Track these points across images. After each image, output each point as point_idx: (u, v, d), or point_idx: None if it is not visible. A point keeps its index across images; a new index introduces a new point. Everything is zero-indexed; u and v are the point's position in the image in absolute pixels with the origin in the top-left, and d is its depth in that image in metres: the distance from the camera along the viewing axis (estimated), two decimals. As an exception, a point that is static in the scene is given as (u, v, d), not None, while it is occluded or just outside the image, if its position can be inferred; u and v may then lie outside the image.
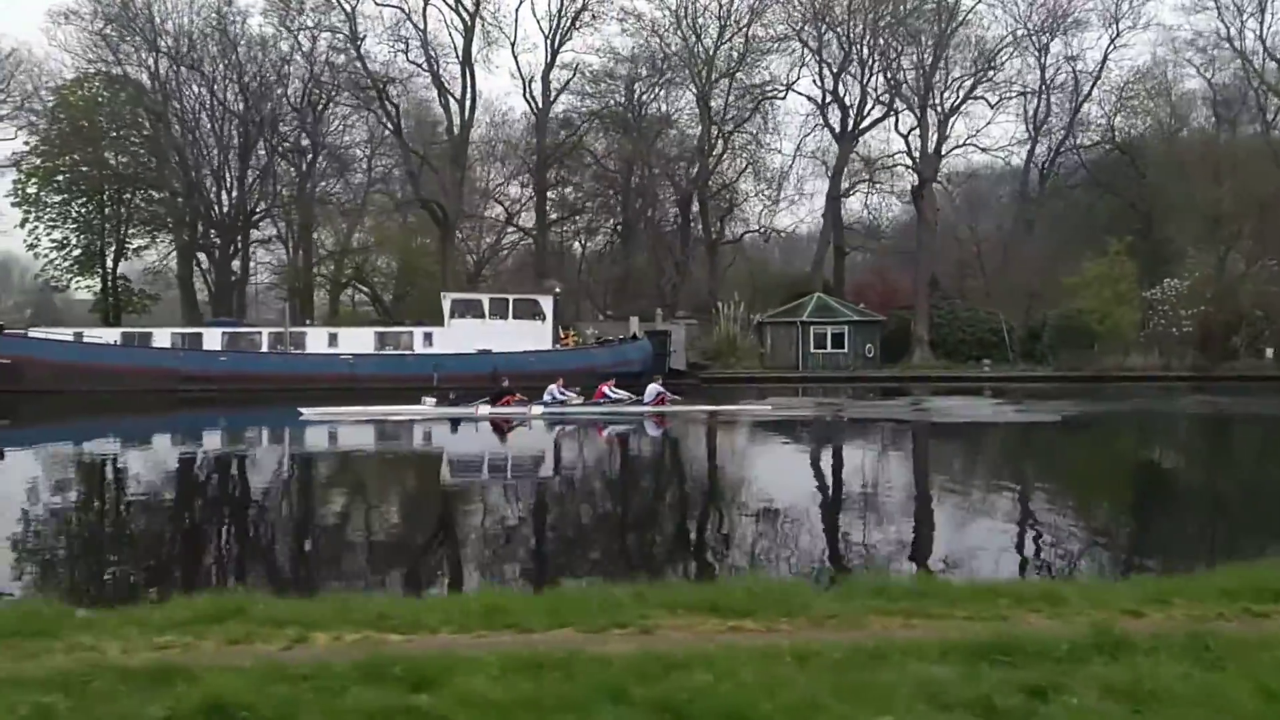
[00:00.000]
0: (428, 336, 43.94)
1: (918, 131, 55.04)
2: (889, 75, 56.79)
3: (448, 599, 8.23)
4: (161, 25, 52.69)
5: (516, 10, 53.87)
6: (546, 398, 30.83)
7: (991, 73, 55.09)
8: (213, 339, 43.08)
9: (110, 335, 43.82)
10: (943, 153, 55.68)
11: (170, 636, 6.75)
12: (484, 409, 29.48)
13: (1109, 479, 20.30)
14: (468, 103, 51.97)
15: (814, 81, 58.95)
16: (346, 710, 5.25)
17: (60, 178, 59.65)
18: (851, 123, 57.97)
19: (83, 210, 60.89)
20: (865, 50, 56.78)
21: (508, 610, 7.27)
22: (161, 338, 43.25)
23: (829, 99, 58.06)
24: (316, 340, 43.75)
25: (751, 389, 43.60)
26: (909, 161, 56.42)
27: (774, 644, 6.40)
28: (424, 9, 51.19)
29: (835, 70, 57.18)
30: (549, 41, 52.80)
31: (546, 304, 44.65)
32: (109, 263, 62.11)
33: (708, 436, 27.80)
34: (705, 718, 5.20)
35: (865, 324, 53.21)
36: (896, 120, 55.87)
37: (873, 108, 58.10)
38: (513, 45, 53.26)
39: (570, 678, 5.76)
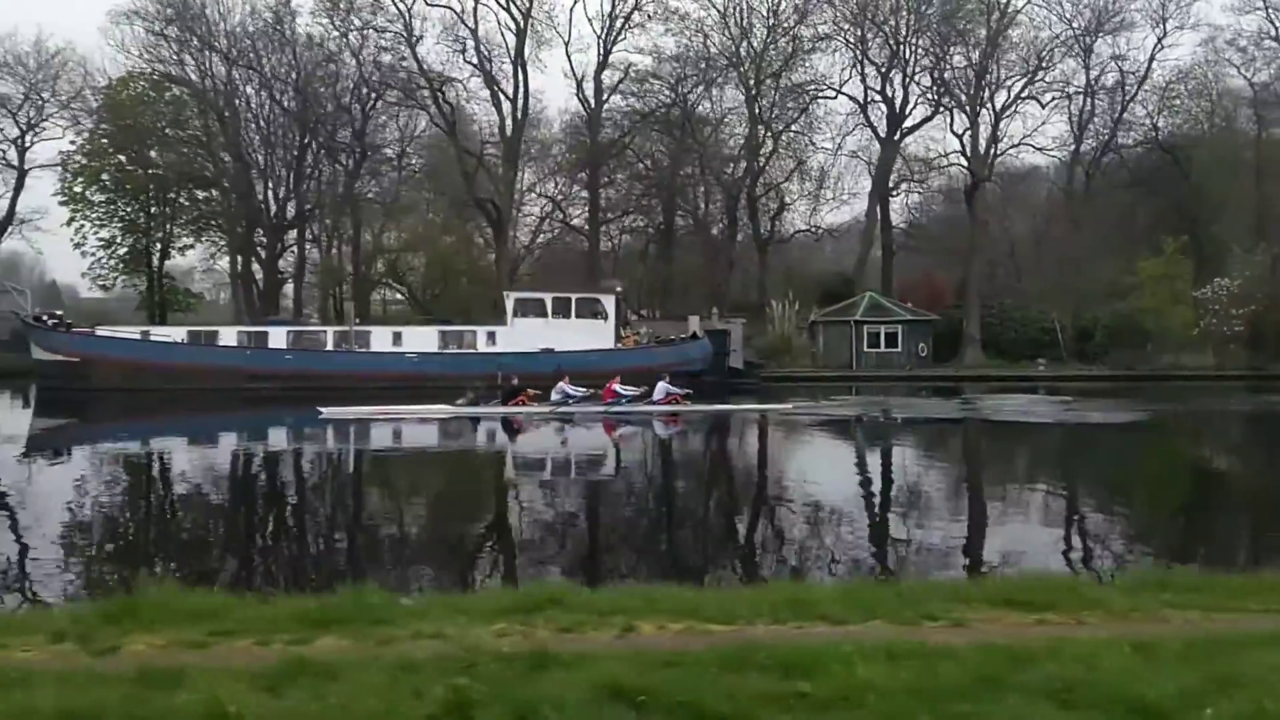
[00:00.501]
0: (491, 335, 44.20)
1: (968, 131, 55.06)
2: (936, 75, 56.79)
3: (751, 591, 8.42)
4: (218, 25, 53.11)
5: (571, 10, 54.22)
6: (556, 395, 30.96)
7: (1042, 73, 55.05)
8: (278, 338, 43.45)
9: (177, 334, 44.22)
10: (996, 153, 55.70)
11: (502, 624, 6.95)
12: (497, 408, 29.78)
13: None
14: (519, 102, 52.27)
15: (857, 81, 58.95)
16: (740, 694, 5.41)
17: (105, 177, 60.29)
18: (896, 122, 57.98)
19: (128, 209, 61.50)
20: (909, 50, 56.88)
21: (812, 602, 7.46)
22: (227, 336, 43.63)
23: (871, 98, 58.24)
24: (380, 339, 44.05)
25: (813, 388, 43.76)
26: (962, 161, 56.43)
27: (1095, 636, 6.59)
28: (474, 8, 51.59)
29: (883, 70, 57.22)
30: (601, 41, 53.17)
31: (609, 303, 44.85)
32: (154, 261, 62.80)
33: (759, 436, 28.00)
34: (1100, 702, 5.36)
35: (918, 323, 53.27)
36: (952, 119, 55.89)
37: (914, 107, 58.21)
38: (567, 45, 53.65)
39: (930, 666, 5.94)
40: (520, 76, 51.67)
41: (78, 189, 59.41)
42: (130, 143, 58.87)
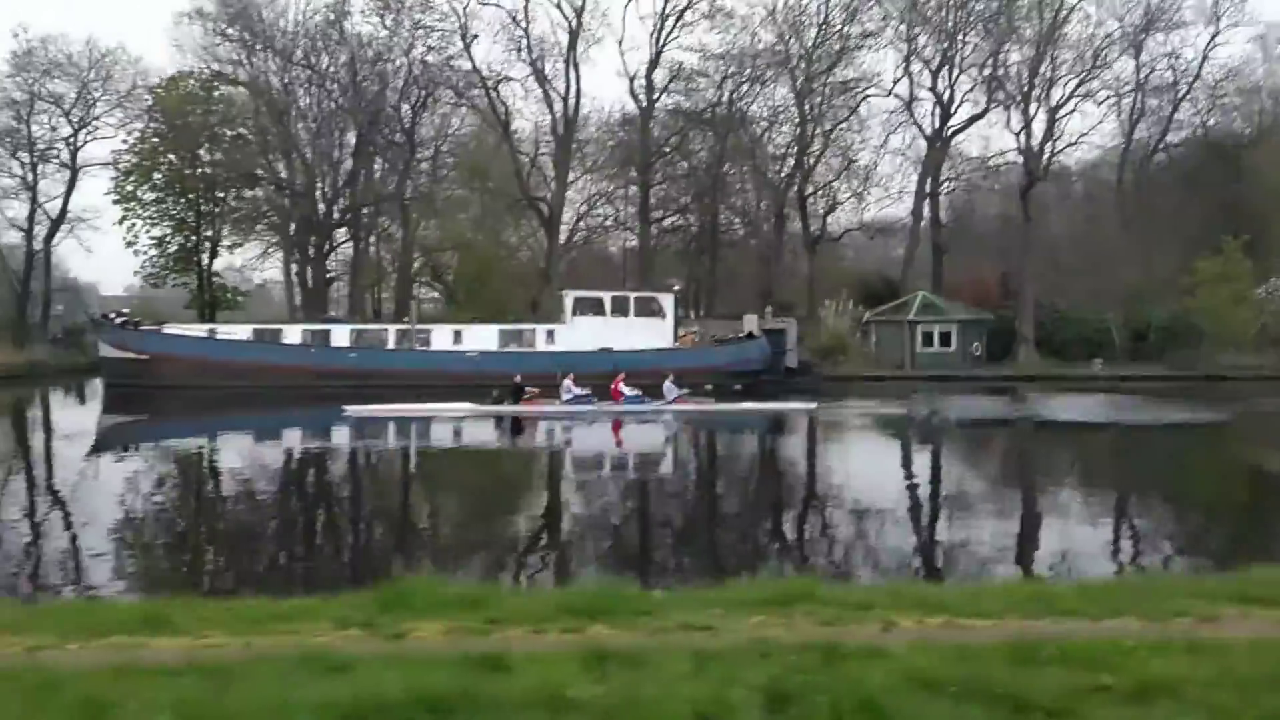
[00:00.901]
0: (550, 334, 44.40)
1: (1024, 130, 54.81)
2: (987, 72, 56.53)
3: (991, 587, 8.48)
4: (274, 24, 53.61)
5: (625, 9, 54.22)
6: (565, 395, 31.03)
7: (1099, 70, 54.71)
8: (340, 336, 43.85)
9: (242, 331, 44.69)
10: (1051, 151, 55.49)
11: (761, 616, 7.05)
12: (507, 407, 29.96)
13: None
14: (571, 101, 52.52)
15: (905, 78, 58.77)
16: (1050, 687, 5.32)
17: (158, 176, 60.97)
18: (946, 120, 57.81)
19: (178, 207, 62.18)
20: (958, 46, 56.71)
21: (1053, 598, 7.51)
22: (291, 334, 44.06)
23: (918, 96, 58.08)
24: (441, 337, 44.35)
25: (874, 388, 43.77)
26: (1017, 160, 56.18)
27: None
28: (526, 7, 51.84)
29: (933, 69, 57.09)
30: (653, 40, 53.31)
31: (667, 302, 44.96)
32: (204, 260, 63.47)
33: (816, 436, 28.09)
34: None
35: (971, 323, 53.08)
36: (1008, 117, 55.61)
37: (960, 104, 58.00)
38: (620, 44, 53.97)
39: (1221, 660, 5.91)
40: (573, 75, 51.98)
41: (130, 187, 60.10)
42: (181, 142, 59.58)
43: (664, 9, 52.92)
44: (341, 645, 6.24)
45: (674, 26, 52.75)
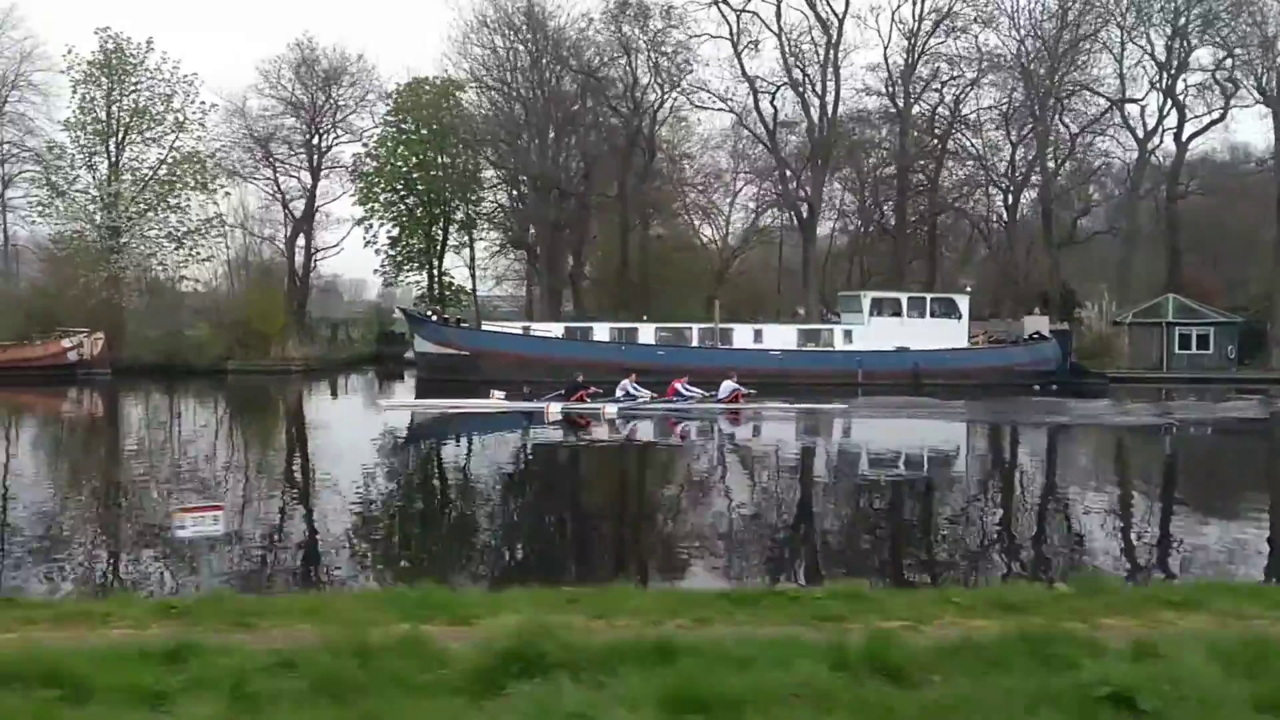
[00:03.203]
0: (847, 334, 45.31)
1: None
2: (1227, 71, 56.55)
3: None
4: (541, 30, 54.97)
5: (893, 13, 54.53)
6: (620, 394, 31.60)
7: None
8: (647, 334, 45.13)
9: (555, 329, 46.14)
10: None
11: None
12: (556, 405, 30.01)
13: None
14: (829, 104, 53.40)
15: (1143, 79, 58.89)
16: None
17: (400, 182, 62.91)
18: (1180, 122, 57.91)
19: (416, 208, 64.07)
20: (1187, 46, 56.78)
21: None
22: (600, 332, 45.43)
23: (1133, 96, 58.20)
24: (743, 336, 45.47)
25: (1164, 390, 44.32)
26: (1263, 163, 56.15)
27: None
28: (778, 11, 52.76)
29: (1173, 70, 57.17)
30: (911, 43, 54.01)
31: (962, 303, 45.67)
32: (436, 259, 65.37)
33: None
34: None
35: (1225, 325, 53.16)
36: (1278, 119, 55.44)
37: (1169, 108, 57.98)
38: (884, 48, 54.81)
39: None
40: (832, 79, 52.82)
41: (377, 189, 62.07)
42: (423, 144, 61.41)
43: (920, 12, 53.65)
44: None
45: (933, 30, 53.40)
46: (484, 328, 45.87)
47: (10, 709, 4.98)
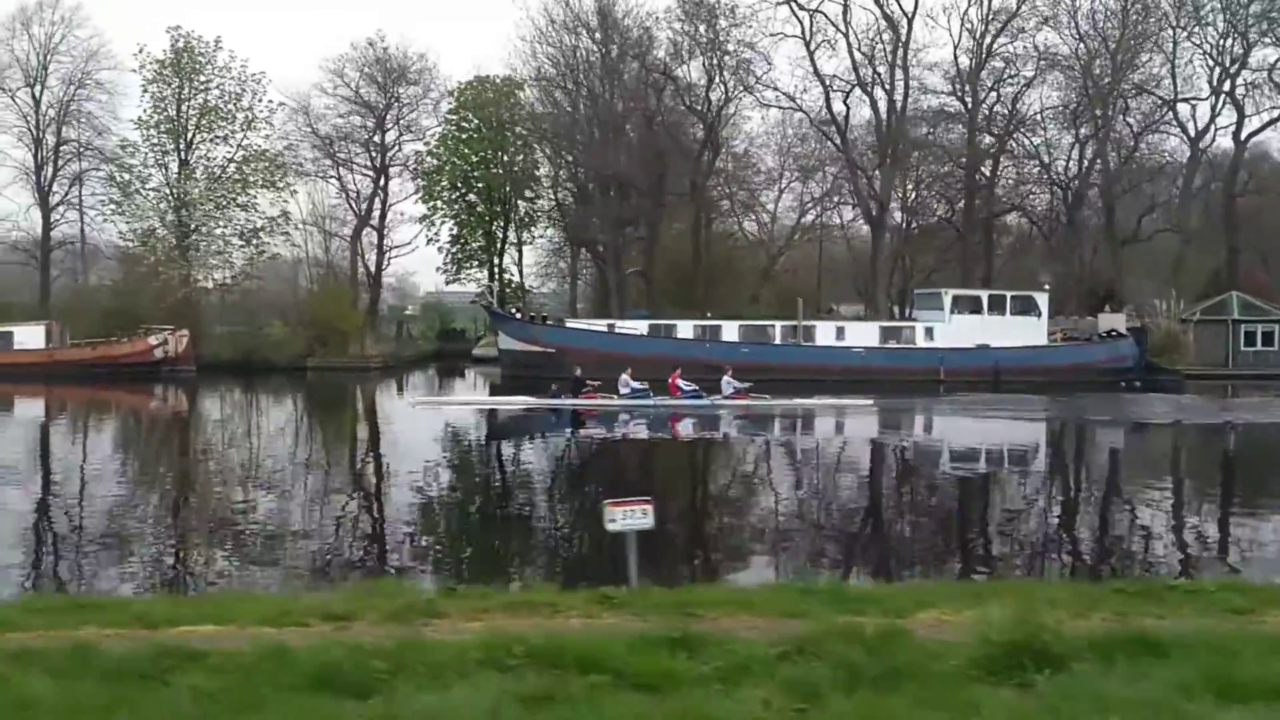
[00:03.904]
0: (928, 331, 45.66)
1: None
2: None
3: None
4: (611, 30, 55.30)
5: (963, 13, 54.89)
6: (623, 389, 31.73)
7: None
8: (730, 331, 45.52)
9: (640, 327, 46.50)
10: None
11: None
12: (566, 400, 30.90)
13: None
14: (897, 103, 53.76)
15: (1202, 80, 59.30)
16: None
17: (461, 180, 63.28)
18: (1241, 122, 58.25)
19: (477, 206, 64.45)
20: (1244, 44, 57.17)
21: None
22: (684, 329, 45.81)
23: (1184, 95, 58.57)
24: (825, 334, 45.86)
25: (1224, 387, 44.75)
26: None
27: None
28: (844, 9, 53.12)
29: (1233, 71, 57.58)
30: (978, 43, 54.35)
31: (1042, 300, 46.02)
32: (496, 257, 65.75)
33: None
34: None
35: (1289, 322, 53.63)
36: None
37: (1222, 106, 58.38)
38: (954, 47, 55.08)
39: None
40: (901, 77, 53.25)
41: (440, 187, 62.45)
42: (484, 142, 61.78)
43: (988, 13, 54.00)
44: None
45: (1002, 29, 53.74)
46: (568, 325, 46.17)
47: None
